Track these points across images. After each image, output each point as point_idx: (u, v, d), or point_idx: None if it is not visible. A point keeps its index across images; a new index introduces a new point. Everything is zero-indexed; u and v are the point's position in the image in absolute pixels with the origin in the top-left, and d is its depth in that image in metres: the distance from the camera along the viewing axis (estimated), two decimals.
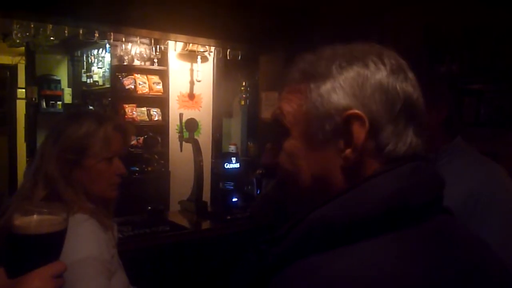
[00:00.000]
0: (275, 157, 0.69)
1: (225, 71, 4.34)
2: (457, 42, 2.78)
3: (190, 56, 3.96)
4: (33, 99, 4.41)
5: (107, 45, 3.91)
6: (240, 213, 2.96)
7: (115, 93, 3.87)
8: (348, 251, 0.55)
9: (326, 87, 0.62)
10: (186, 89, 4.04)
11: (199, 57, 3.97)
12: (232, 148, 5.15)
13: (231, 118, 5.56)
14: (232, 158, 3.22)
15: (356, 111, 0.59)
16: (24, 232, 0.76)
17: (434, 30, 2.88)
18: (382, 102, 0.60)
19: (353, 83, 0.61)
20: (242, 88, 5.24)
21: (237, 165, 3.19)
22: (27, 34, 3.35)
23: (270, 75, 3.65)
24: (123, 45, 3.82)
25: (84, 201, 1.24)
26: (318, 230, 0.57)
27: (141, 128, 3.83)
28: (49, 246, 0.78)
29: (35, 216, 0.79)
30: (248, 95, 5.23)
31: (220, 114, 4.39)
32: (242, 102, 5.32)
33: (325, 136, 0.61)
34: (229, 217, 2.89)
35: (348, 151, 0.60)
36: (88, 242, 1.17)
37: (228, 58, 3.82)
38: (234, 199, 3.14)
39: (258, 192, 3.34)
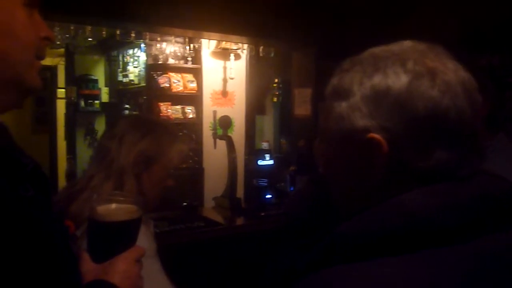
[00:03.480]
0: (309, 155, 0.71)
1: (258, 68, 4.35)
2: (497, 34, 2.69)
3: (223, 54, 4.00)
4: (72, 98, 4.56)
5: (142, 45, 3.99)
6: (274, 210, 2.97)
7: (150, 92, 3.94)
8: (366, 267, 0.54)
9: (345, 107, 0.61)
10: (219, 87, 4.08)
11: (232, 54, 4.00)
12: (264, 145, 5.15)
13: (264, 115, 5.57)
14: (266, 155, 3.25)
15: (373, 135, 0.58)
16: (105, 220, 0.81)
17: (473, 21, 2.80)
18: (400, 117, 0.57)
19: (369, 102, 0.59)
20: (275, 85, 5.24)
21: (271, 162, 3.21)
22: (67, 35, 3.46)
23: (302, 72, 3.64)
24: (158, 45, 3.88)
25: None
26: (341, 243, 0.57)
27: (175, 126, 3.89)
28: (128, 232, 0.84)
29: (113, 205, 0.85)
30: (280, 92, 5.22)
31: (253, 111, 4.41)
32: (275, 99, 5.31)
33: (348, 155, 0.62)
34: (263, 214, 2.91)
35: (371, 171, 0.60)
36: (142, 233, 1.24)
37: (260, 55, 3.83)
38: (268, 196, 3.16)
39: (292, 189, 3.34)
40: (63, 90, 4.79)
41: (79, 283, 0.73)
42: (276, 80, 5.21)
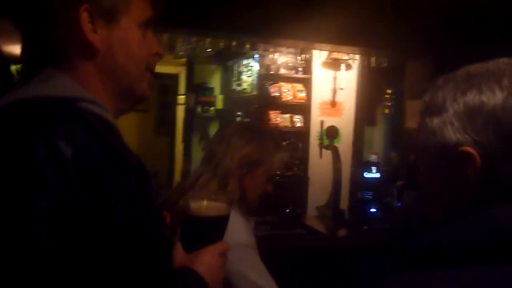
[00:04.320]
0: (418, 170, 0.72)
1: (369, 78, 4.28)
2: None
3: (334, 64, 4.01)
4: (191, 104, 4.93)
5: (256, 55, 4.17)
6: (378, 224, 2.90)
7: (261, 100, 4.11)
8: (454, 273, 0.55)
9: (438, 122, 0.62)
10: (328, 97, 4.10)
11: (342, 65, 3.99)
12: (373, 157, 5.03)
13: (374, 126, 5.44)
14: (372, 168, 3.19)
15: (467, 148, 0.59)
16: (196, 214, 0.91)
17: None
18: (495, 134, 0.57)
19: (463, 117, 0.60)
20: (387, 96, 5.10)
21: (377, 175, 3.14)
22: (189, 47, 3.76)
23: (416, 83, 3.51)
24: (270, 55, 4.03)
25: (236, 197, 1.44)
26: (431, 249, 0.59)
27: (283, 134, 3.99)
28: (215, 227, 0.92)
29: (205, 202, 0.94)
30: (392, 103, 5.06)
31: (362, 122, 4.34)
32: (386, 111, 5.16)
33: (441, 169, 0.63)
34: (365, 227, 2.86)
35: (464, 184, 0.60)
36: (240, 229, 1.39)
37: (372, 66, 3.77)
38: (373, 209, 3.10)
39: (399, 204, 3.23)
40: (183, 96, 5.20)
41: (169, 265, 0.83)
42: (388, 91, 5.07)
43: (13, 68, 1.29)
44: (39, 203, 0.59)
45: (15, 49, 1.63)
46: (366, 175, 3.12)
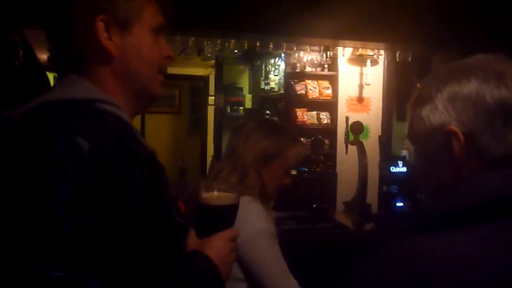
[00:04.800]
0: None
1: (397, 73, 4.26)
2: None
3: (359, 60, 4.02)
4: (220, 105, 5.04)
5: (282, 54, 4.24)
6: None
7: (288, 98, 4.17)
8: (446, 235, 0.63)
9: (426, 110, 0.73)
10: (355, 93, 4.11)
11: (368, 60, 4.00)
12: (404, 153, 4.98)
13: (404, 121, 5.37)
14: (399, 162, 3.18)
15: (451, 127, 0.69)
16: (207, 203, 1.00)
17: None
18: (473, 113, 0.68)
19: (446, 102, 0.71)
20: (416, 90, 5.04)
21: (404, 169, 3.14)
22: (216, 49, 3.86)
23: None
24: (296, 54, 4.09)
25: (256, 188, 1.53)
26: (428, 215, 0.68)
27: (310, 131, 4.04)
28: (225, 215, 1.00)
29: (215, 192, 1.02)
30: None
31: (389, 118, 4.32)
32: None
33: (432, 152, 0.74)
34: None
35: (452, 160, 0.70)
36: (260, 217, 1.45)
37: (397, 60, 3.76)
38: (399, 204, 3.10)
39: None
40: (213, 97, 5.33)
41: (182, 249, 0.92)
42: (418, 85, 5.00)
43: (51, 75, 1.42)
44: (60, 190, 0.69)
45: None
46: (393, 169, 3.12)
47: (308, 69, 4.15)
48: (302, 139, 1.77)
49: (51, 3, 0.89)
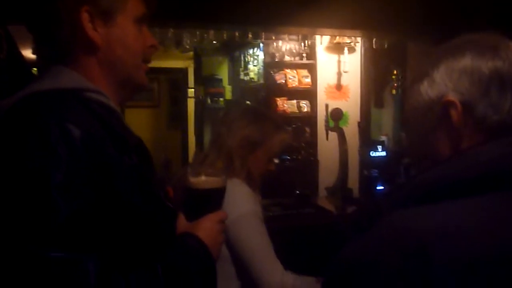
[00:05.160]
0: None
1: (373, 60, 4.33)
2: None
3: (337, 48, 4.07)
4: (200, 97, 5.04)
5: (261, 44, 4.26)
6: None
7: (268, 88, 4.20)
8: (445, 206, 0.65)
9: (424, 85, 0.75)
10: (333, 81, 4.17)
11: (345, 48, 4.05)
12: (383, 139, 5.08)
13: (382, 108, 5.47)
14: (378, 147, 3.26)
15: (448, 97, 0.71)
16: (195, 187, 1.03)
17: None
18: (469, 82, 0.70)
19: (443, 75, 0.73)
20: (394, 77, 5.12)
21: (383, 153, 3.22)
22: (195, 40, 3.86)
23: (419, 63, 3.55)
24: (275, 43, 4.11)
25: (242, 174, 1.56)
26: (423, 187, 0.70)
27: (291, 119, 4.08)
28: (213, 198, 1.04)
29: (203, 177, 1.05)
30: (400, 84, 5.09)
31: (367, 104, 4.40)
32: (393, 91, 5.19)
33: (431, 124, 0.75)
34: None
35: (451, 132, 0.72)
36: (248, 199, 1.50)
37: (374, 47, 3.83)
38: (380, 187, 3.18)
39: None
40: (193, 89, 5.32)
41: (173, 232, 0.95)
42: (395, 72, 5.10)
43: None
44: (55, 175, 0.71)
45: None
46: (373, 154, 3.20)
47: (287, 58, 4.18)
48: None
49: None
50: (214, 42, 3.94)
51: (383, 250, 0.64)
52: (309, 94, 4.18)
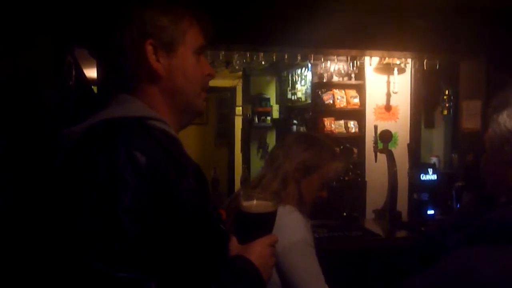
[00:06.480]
0: (478, 170, 0.85)
1: (424, 80, 4.26)
2: None
3: (386, 68, 4.04)
4: (248, 115, 5.13)
5: (309, 65, 4.29)
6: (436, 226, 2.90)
7: (316, 108, 4.22)
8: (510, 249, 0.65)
9: (503, 116, 0.76)
10: (382, 101, 4.13)
11: (395, 69, 4.01)
12: (433, 160, 4.94)
13: (433, 128, 5.34)
14: (429, 169, 3.18)
15: None
16: (247, 211, 1.06)
17: None
18: None
19: None
20: (445, 97, 5.00)
21: (434, 177, 3.13)
22: (244, 61, 3.95)
23: (471, 83, 3.46)
24: (323, 64, 4.14)
25: (295, 199, 1.58)
26: (490, 227, 0.70)
27: (337, 140, 4.06)
28: (264, 222, 1.07)
29: (255, 201, 1.09)
30: (451, 104, 4.95)
31: (417, 125, 4.31)
32: (445, 112, 5.06)
33: (507, 157, 0.76)
34: (423, 228, 2.87)
35: None
36: (300, 226, 1.51)
37: (425, 68, 3.77)
38: (430, 211, 3.09)
39: (458, 206, 3.19)
40: (240, 108, 5.42)
41: (226, 254, 0.99)
42: (446, 92, 4.97)
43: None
44: (123, 199, 0.77)
45: (93, 72, 1.89)
46: (423, 177, 3.12)
47: (335, 78, 4.19)
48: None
49: (104, 29, 0.98)
50: (263, 63, 4.02)
51: (446, 286, 0.65)
52: (358, 114, 4.15)
